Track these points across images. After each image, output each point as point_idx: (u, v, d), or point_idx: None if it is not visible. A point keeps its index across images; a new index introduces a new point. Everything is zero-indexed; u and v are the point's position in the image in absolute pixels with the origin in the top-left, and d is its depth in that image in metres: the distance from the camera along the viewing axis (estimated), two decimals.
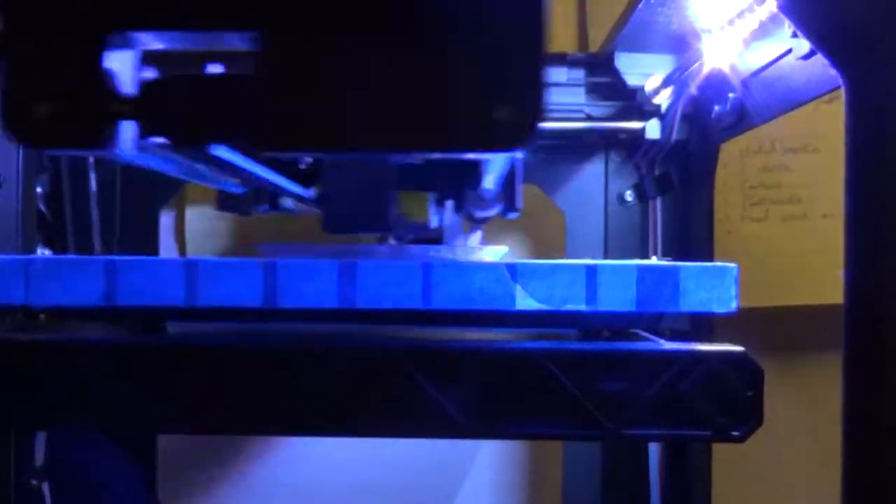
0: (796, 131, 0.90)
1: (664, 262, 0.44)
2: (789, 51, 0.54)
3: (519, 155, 0.60)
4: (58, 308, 0.43)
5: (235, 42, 0.33)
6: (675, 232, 0.80)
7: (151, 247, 0.83)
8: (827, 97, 0.56)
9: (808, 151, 0.91)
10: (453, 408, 0.39)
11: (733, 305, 0.41)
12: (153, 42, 0.33)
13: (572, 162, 0.82)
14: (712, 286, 0.40)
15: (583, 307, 0.40)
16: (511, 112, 0.31)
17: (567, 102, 0.80)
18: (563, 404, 0.39)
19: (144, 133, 0.34)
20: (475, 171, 0.53)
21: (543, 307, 0.40)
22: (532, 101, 0.31)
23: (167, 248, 0.90)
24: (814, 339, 0.88)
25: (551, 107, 0.80)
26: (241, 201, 0.62)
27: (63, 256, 0.43)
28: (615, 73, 0.77)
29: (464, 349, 0.40)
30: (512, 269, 0.40)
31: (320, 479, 0.91)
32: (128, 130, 0.34)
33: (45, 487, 0.68)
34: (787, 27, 0.53)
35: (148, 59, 0.34)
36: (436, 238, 0.69)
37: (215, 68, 0.35)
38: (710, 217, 0.76)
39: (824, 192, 0.90)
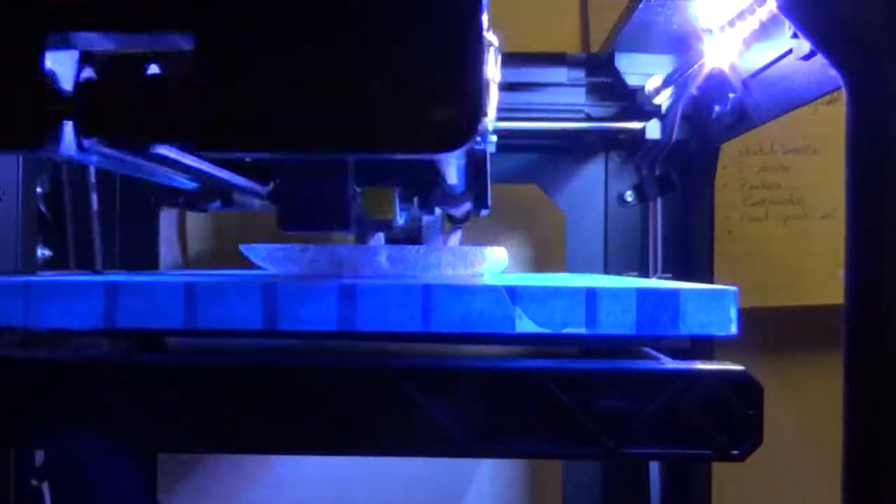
0: (796, 132, 0.90)
1: (664, 285, 0.43)
2: (789, 51, 0.54)
3: (491, 149, 0.59)
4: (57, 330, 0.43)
5: (173, 43, 0.33)
6: (676, 233, 0.80)
7: (151, 246, 0.83)
8: (827, 98, 0.56)
9: (808, 152, 0.91)
10: (452, 426, 0.39)
11: (733, 329, 0.41)
12: (93, 42, 0.33)
13: (572, 162, 0.82)
14: (712, 309, 0.40)
15: (582, 331, 0.40)
16: (448, 112, 0.31)
17: (567, 103, 0.80)
18: (562, 422, 0.39)
19: (81, 133, 0.33)
20: (435, 167, 0.52)
21: (543, 331, 0.40)
22: (470, 101, 0.31)
23: (168, 247, 0.90)
24: (814, 339, 0.88)
25: (551, 107, 0.80)
26: (196, 198, 0.61)
27: (62, 278, 0.43)
28: (615, 74, 0.77)
29: (463, 367, 0.40)
30: (511, 292, 0.40)
31: (319, 490, 0.91)
32: (69, 131, 0.34)
33: (45, 487, 0.69)
34: (788, 28, 0.53)
35: (89, 60, 0.34)
36: (415, 238, 0.69)
37: (154, 69, 0.35)
38: (710, 217, 0.76)
39: (824, 192, 0.90)
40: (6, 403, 0.40)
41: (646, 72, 0.76)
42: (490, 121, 0.56)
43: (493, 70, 0.57)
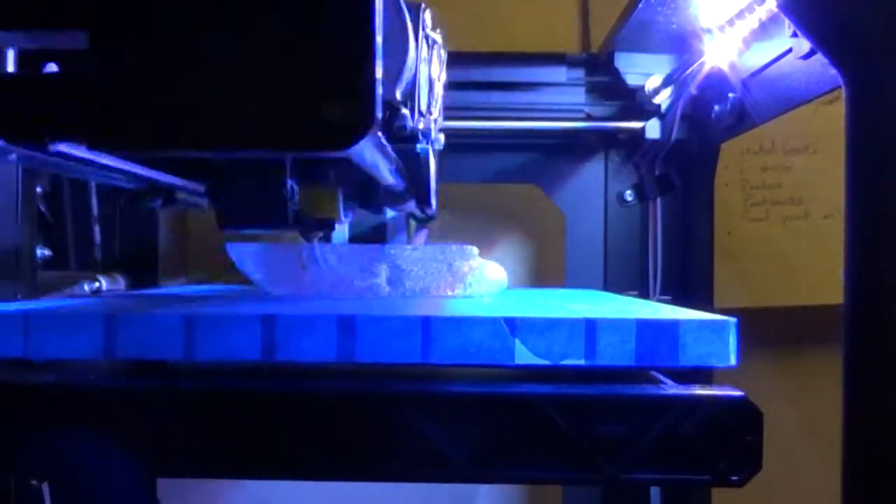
0: (797, 132, 0.90)
1: (663, 313, 0.43)
2: (789, 50, 0.54)
3: (438, 147, 0.58)
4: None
5: (70, 42, 0.33)
6: (675, 232, 0.80)
7: (151, 246, 0.82)
8: (828, 98, 0.56)
9: (808, 152, 0.91)
10: (452, 451, 0.39)
11: (732, 360, 0.40)
12: None
13: (572, 162, 0.82)
14: (711, 340, 0.40)
15: (582, 362, 0.40)
16: (342, 111, 0.31)
17: (567, 102, 0.80)
18: (562, 448, 0.39)
19: None
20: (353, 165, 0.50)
21: (542, 362, 0.40)
22: (365, 100, 0.31)
23: (168, 249, 0.90)
24: (814, 339, 0.88)
25: (551, 106, 0.80)
26: (137, 198, 0.60)
27: (61, 307, 0.43)
28: (615, 73, 0.77)
29: (463, 393, 0.40)
30: (511, 323, 0.40)
31: (319, 496, 0.91)
32: None
33: (45, 487, 0.68)
34: (787, 27, 0.54)
35: None
36: (379, 237, 0.68)
37: (51, 68, 0.35)
38: (710, 217, 0.76)
39: (825, 192, 0.90)
40: (5, 428, 0.40)
41: (645, 71, 0.76)
42: (434, 119, 0.56)
43: (436, 69, 0.57)
